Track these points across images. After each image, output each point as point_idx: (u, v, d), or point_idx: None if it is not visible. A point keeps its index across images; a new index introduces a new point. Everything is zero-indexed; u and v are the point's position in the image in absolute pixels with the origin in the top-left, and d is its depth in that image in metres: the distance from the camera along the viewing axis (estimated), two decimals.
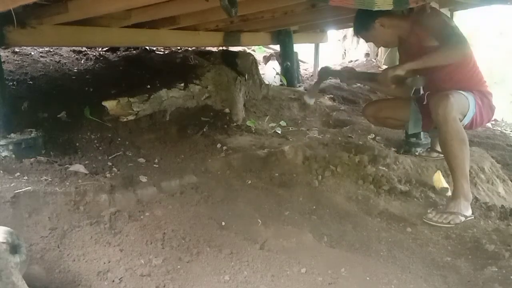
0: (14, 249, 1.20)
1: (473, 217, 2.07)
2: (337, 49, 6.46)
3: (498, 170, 2.87)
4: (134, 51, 3.68)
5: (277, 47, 4.55)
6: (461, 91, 2.19)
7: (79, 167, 2.04)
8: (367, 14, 2.19)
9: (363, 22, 2.37)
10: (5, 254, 1.06)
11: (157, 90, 2.67)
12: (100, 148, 2.37)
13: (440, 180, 2.41)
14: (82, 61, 3.36)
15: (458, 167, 2.09)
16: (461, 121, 2.17)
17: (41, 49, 3.29)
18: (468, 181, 2.11)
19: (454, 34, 2.14)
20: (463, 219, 2.02)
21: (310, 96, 2.78)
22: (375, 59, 5.90)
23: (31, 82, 2.79)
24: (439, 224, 2.00)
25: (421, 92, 2.57)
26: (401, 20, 2.37)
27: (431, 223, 2.02)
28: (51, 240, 1.58)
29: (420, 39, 2.28)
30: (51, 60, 3.22)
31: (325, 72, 2.76)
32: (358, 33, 2.50)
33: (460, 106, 2.16)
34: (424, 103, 2.43)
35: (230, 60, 3.40)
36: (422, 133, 2.75)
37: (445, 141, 2.10)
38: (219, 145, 2.56)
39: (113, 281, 1.43)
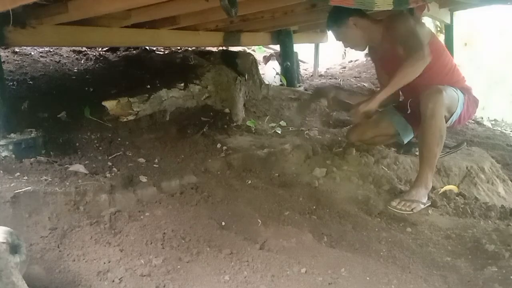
0: (14, 249, 1.20)
1: (429, 203, 2.16)
2: (337, 49, 6.45)
3: (498, 170, 2.87)
4: (134, 51, 3.68)
5: (277, 47, 4.55)
6: (452, 87, 2.20)
7: (79, 167, 2.04)
8: (342, 10, 2.17)
9: (337, 18, 2.34)
10: (5, 254, 1.06)
11: (157, 90, 2.67)
12: (100, 148, 2.37)
13: (450, 188, 2.40)
14: (82, 61, 3.36)
15: (428, 159, 2.17)
16: (448, 118, 2.21)
17: (41, 49, 3.29)
18: (432, 172, 2.21)
19: (414, 43, 2.11)
20: (422, 206, 2.12)
21: (299, 113, 2.68)
22: None
23: (31, 82, 2.79)
24: (403, 212, 2.08)
25: (400, 98, 2.59)
26: (374, 23, 2.36)
27: (396, 210, 2.09)
28: (51, 240, 1.58)
29: (393, 46, 2.28)
30: (51, 60, 3.22)
31: (319, 93, 2.75)
32: (329, 27, 2.47)
33: (450, 103, 2.20)
34: (408, 112, 2.43)
35: (230, 60, 3.40)
36: None
37: (425, 134, 2.16)
38: (219, 145, 2.56)
39: (113, 281, 1.43)
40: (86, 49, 3.50)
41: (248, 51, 4.62)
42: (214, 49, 3.88)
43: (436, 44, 2.35)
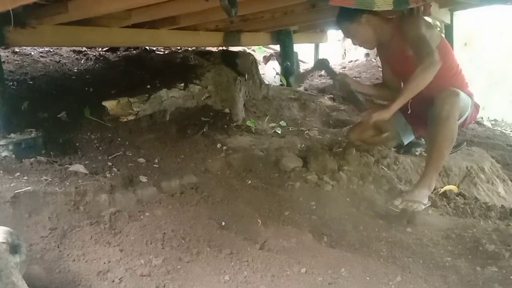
0: (14, 249, 1.20)
1: (429, 204, 2.16)
2: (337, 49, 6.45)
3: (498, 170, 2.87)
4: (134, 51, 3.68)
5: (277, 47, 4.55)
6: (462, 91, 2.20)
7: (79, 167, 2.04)
8: None
9: (350, 13, 2.28)
10: (5, 254, 1.07)
11: (157, 90, 2.67)
12: (100, 148, 2.37)
13: (450, 188, 2.40)
14: (82, 61, 3.36)
15: (436, 161, 2.15)
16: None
17: (41, 49, 3.29)
18: (437, 175, 2.22)
19: (424, 49, 2.10)
20: (423, 206, 2.11)
21: (297, 80, 2.63)
22: (375, 59, 5.90)
23: (31, 82, 2.79)
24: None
25: None
26: (385, 22, 2.35)
27: (397, 210, 2.07)
28: (51, 240, 1.58)
29: (402, 47, 2.28)
30: (51, 60, 3.22)
31: (321, 65, 2.75)
32: (340, 23, 2.42)
33: (463, 106, 2.19)
34: (409, 112, 2.42)
35: (230, 60, 3.40)
36: None
37: (436, 136, 2.13)
38: (219, 145, 2.56)
39: (113, 281, 1.43)
40: (86, 49, 3.50)
41: (248, 51, 4.62)
42: (214, 49, 3.88)
43: (444, 46, 2.34)
